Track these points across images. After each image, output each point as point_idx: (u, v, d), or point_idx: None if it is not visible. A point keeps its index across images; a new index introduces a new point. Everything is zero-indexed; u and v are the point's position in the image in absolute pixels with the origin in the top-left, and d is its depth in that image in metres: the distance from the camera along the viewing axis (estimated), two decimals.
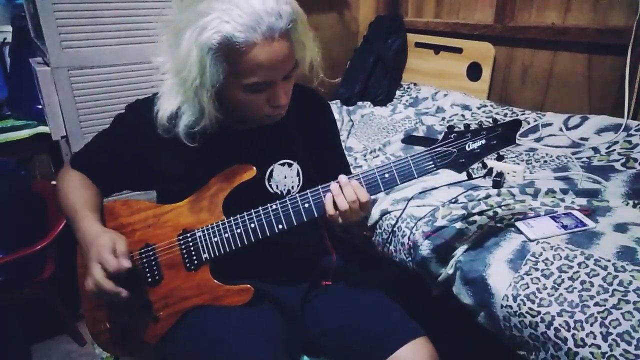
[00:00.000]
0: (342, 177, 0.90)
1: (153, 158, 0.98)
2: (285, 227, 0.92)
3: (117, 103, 0.99)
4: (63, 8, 1.21)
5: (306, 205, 0.91)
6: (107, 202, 1.04)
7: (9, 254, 1.58)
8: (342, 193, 0.89)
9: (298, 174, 1.03)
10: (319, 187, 0.92)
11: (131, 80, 1.34)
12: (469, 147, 0.89)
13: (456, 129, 0.89)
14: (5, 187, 1.73)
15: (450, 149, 0.89)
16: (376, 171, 0.90)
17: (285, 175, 1.01)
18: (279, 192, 1.01)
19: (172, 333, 0.98)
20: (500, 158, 0.91)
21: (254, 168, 0.95)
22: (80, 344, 1.83)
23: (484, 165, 0.99)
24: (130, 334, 0.99)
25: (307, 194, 0.91)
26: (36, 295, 1.71)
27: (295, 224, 0.92)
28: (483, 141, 0.89)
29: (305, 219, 0.92)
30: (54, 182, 1.84)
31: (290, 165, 1.01)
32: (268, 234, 0.92)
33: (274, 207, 0.92)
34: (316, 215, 0.92)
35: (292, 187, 1.02)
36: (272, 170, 1.00)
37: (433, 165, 0.90)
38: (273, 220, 0.92)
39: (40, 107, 1.81)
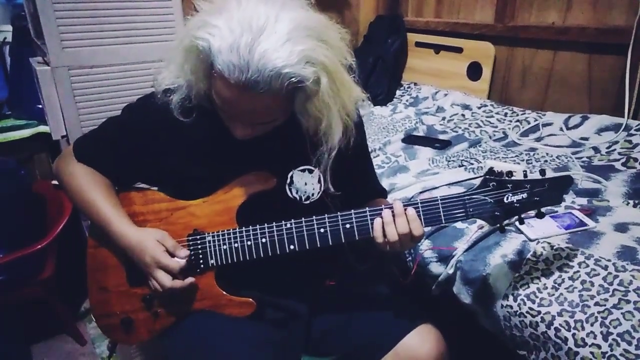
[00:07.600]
0: (398, 205, 0.83)
1: (167, 155, 0.94)
2: (297, 249, 0.89)
3: (118, 102, 0.97)
4: (63, 8, 1.21)
5: (322, 230, 0.86)
6: None
7: (9, 254, 1.58)
8: (393, 222, 0.83)
9: (319, 181, 0.97)
10: (338, 213, 0.86)
11: (131, 79, 1.33)
12: (507, 199, 0.81)
13: (496, 176, 0.81)
14: (5, 187, 1.73)
15: (486, 198, 0.81)
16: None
17: (305, 182, 0.97)
18: (298, 198, 0.96)
19: (170, 333, 0.97)
20: (540, 215, 0.83)
21: (275, 179, 0.92)
22: (81, 344, 1.83)
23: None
24: (131, 323, 1.00)
25: (324, 218, 0.87)
26: (36, 295, 1.70)
27: (308, 247, 0.88)
28: (525, 195, 0.80)
29: (319, 245, 0.87)
30: (54, 182, 1.84)
31: (311, 171, 0.97)
32: (278, 252, 0.89)
33: (288, 225, 0.88)
34: (331, 244, 0.87)
35: (312, 194, 0.97)
36: (292, 176, 0.96)
37: (464, 213, 0.82)
38: (285, 239, 0.88)
39: (40, 106, 1.81)
